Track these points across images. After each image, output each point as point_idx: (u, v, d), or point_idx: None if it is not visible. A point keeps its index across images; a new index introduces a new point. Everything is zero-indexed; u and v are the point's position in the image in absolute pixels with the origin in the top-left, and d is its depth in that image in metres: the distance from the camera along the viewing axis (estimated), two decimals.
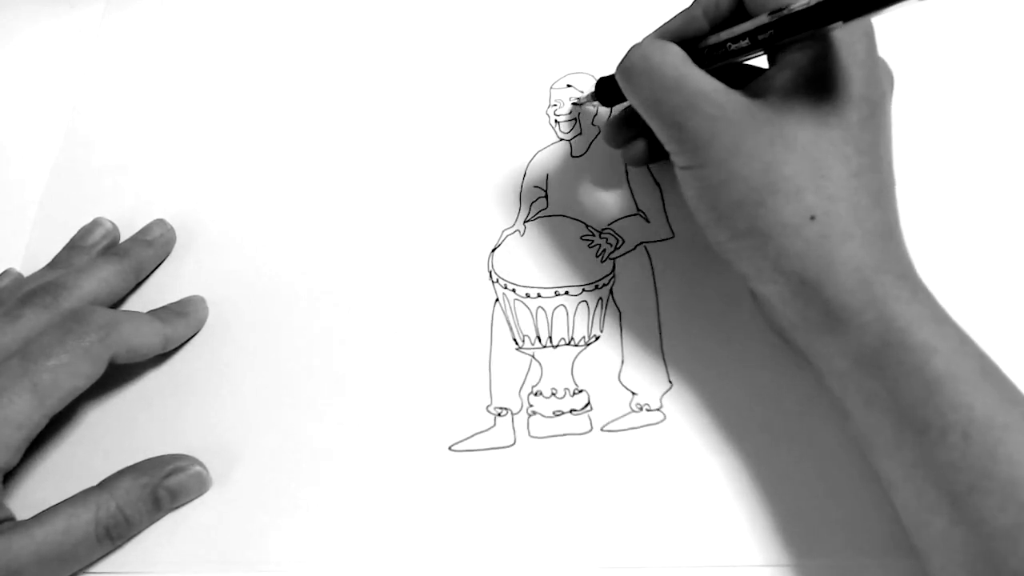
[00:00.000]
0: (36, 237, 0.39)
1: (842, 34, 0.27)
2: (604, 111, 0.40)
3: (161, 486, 0.31)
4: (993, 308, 0.33)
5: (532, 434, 0.32)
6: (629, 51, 0.30)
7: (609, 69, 0.41)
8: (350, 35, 0.43)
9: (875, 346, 0.25)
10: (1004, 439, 0.23)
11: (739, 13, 0.30)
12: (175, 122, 0.42)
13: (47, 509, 0.29)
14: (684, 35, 0.30)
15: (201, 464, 0.32)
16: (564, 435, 0.32)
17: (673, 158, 0.29)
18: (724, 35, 0.29)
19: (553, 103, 0.40)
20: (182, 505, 0.32)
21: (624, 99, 0.32)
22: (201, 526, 0.31)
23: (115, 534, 0.30)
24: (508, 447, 0.32)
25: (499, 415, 0.33)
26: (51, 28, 0.45)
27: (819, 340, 0.27)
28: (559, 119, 0.40)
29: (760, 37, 0.28)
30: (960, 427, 0.24)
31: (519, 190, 0.38)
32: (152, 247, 0.37)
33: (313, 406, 0.34)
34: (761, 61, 0.30)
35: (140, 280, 0.37)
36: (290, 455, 0.33)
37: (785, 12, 0.26)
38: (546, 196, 0.38)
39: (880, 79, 0.28)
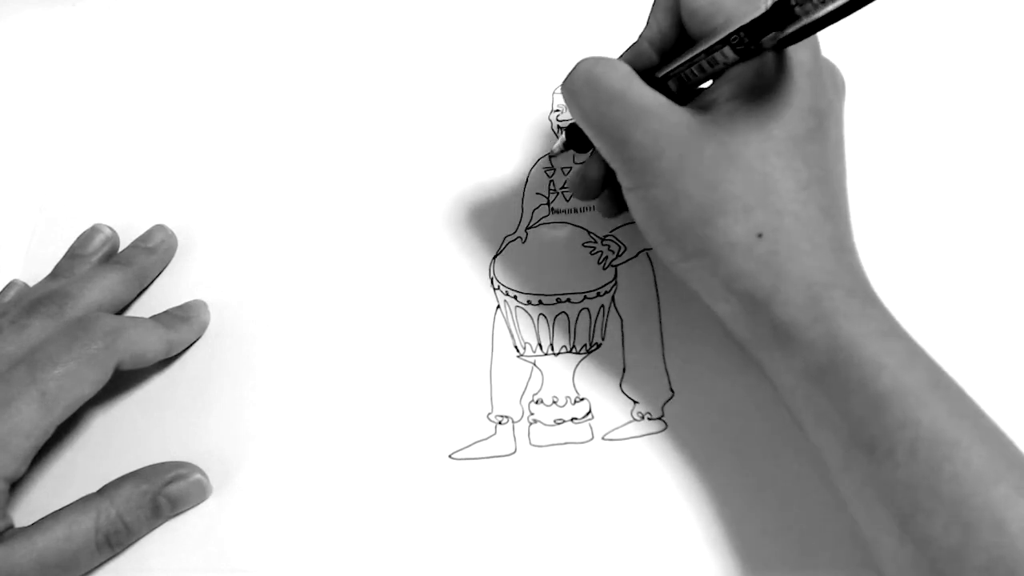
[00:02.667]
0: (36, 243, 0.38)
1: (791, 48, 0.27)
2: None
3: (161, 493, 0.31)
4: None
5: (533, 442, 0.32)
6: (575, 65, 0.29)
7: None
8: (351, 39, 0.43)
9: (822, 362, 0.25)
10: (951, 456, 0.23)
11: (684, 39, 0.30)
12: (175, 125, 0.41)
13: (47, 516, 0.29)
14: (634, 68, 0.29)
15: (201, 472, 0.32)
16: (565, 444, 0.32)
17: (620, 179, 0.29)
18: (677, 64, 0.29)
19: (555, 108, 0.40)
20: (182, 512, 0.32)
21: None
22: (201, 533, 0.31)
23: (115, 541, 0.30)
24: (509, 455, 0.32)
25: (500, 423, 0.33)
26: (51, 27, 0.45)
27: (769, 356, 0.27)
28: (561, 124, 0.39)
29: (717, 58, 0.27)
30: (907, 444, 0.23)
31: (521, 196, 0.38)
32: (154, 253, 0.37)
33: (313, 413, 0.34)
34: None
35: (144, 287, 0.37)
36: (290, 462, 0.33)
37: (737, 27, 0.26)
38: (548, 202, 0.37)
39: (826, 88, 0.28)
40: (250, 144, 0.41)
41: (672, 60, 0.29)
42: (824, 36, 0.26)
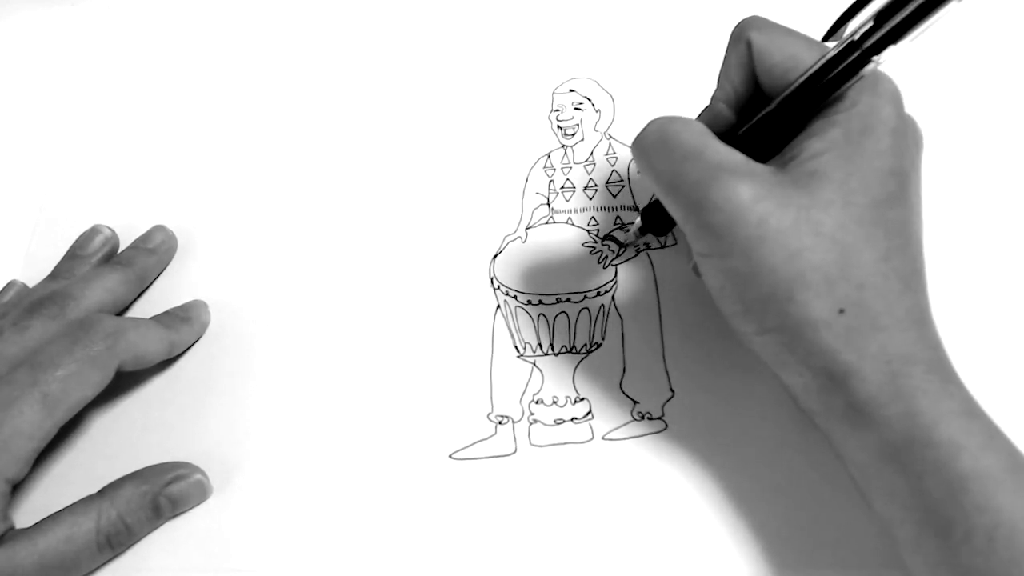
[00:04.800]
0: (36, 243, 0.38)
1: (870, 97, 0.26)
2: (607, 116, 0.39)
3: (162, 494, 0.31)
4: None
5: (533, 442, 0.32)
6: (645, 125, 0.28)
7: (610, 72, 0.41)
8: (351, 39, 0.43)
9: (898, 441, 0.24)
10: None
11: (759, 95, 0.29)
12: (175, 125, 0.41)
13: (48, 517, 0.30)
14: (711, 130, 0.28)
15: (202, 472, 0.32)
16: (565, 443, 0.32)
17: (692, 244, 0.27)
18: (754, 120, 0.28)
19: (555, 108, 0.40)
20: (183, 513, 0.32)
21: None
22: (201, 533, 0.31)
23: (115, 542, 0.30)
24: (509, 455, 0.32)
25: (500, 423, 0.33)
26: (51, 28, 0.45)
27: (841, 431, 0.26)
28: (561, 124, 0.39)
29: (789, 108, 0.26)
30: (985, 530, 0.22)
31: (521, 196, 0.38)
32: (155, 254, 0.37)
33: (314, 413, 0.34)
34: None
35: (144, 288, 0.37)
36: (290, 462, 0.33)
37: (811, 71, 0.25)
38: (548, 202, 0.37)
39: (909, 146, 0.27)
40: (250, 144, 0.41)
41: (749, 118, 0.28)
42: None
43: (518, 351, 0.34)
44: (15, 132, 0.42)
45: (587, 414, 0.33)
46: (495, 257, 0.36)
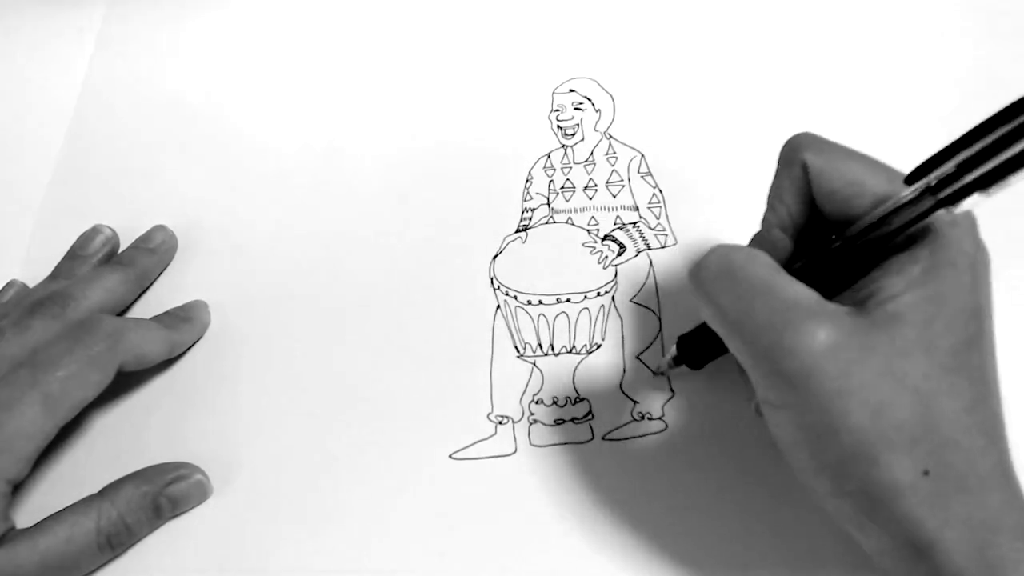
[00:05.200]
0: (36, 243, 0.38)
1: (949, 228, 0.24)
2: (607, 116, 0.39)
3: (163, 494, 0.31)
4: None
5: (533, 442, 0.32)
6: (706, 254, 0.25)
7: (611, 72, 0.41)
8: (351, 39, 0.43)
9: None
10: None
11: (818, 221, 0.27)
12: (176, 125, 0.41)
13: (49, 517, 0.30)
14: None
15: (202, 472, 0.32)
16: (565, 444, 0.32)
17: (759, 391, 0.24)
18: (822, 252, 0.25)
19: (555, 108, 0.40)
20: (183, 513, 0.32)
21: (717, 356, 0.29)
22: (201, 533, 0.32)
23: (116, 542, 0.30)
24: (509, 455, 0.32)
25: (500, 423, 0.33)
26: (51, 29, 0.45)
27: None
28: (561, 124, 0.39)
29: (861, 245, 0.24)
30: None
31: (521, 196, 0.38)
32: (155, 254, 0.37)
33: (314, 413, 0.34)
34: None
35: (145, 288, 0.37)
36: (291, 463, 0.33)
37: (890, 206, 0.23)
38: (548, 202, 0.37)
39: (987, 280, 0.24)
40: (250, 144, 0.41)
41: (809, 247, 0.26)
42: None
43: (518, 351, 0.34)
44: (16, 131, 0.42)
45: (587, 414, 0.33)
46: (495, 257, 0.36)
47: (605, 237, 0.36)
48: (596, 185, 0.38)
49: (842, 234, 0.25)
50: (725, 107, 0.39)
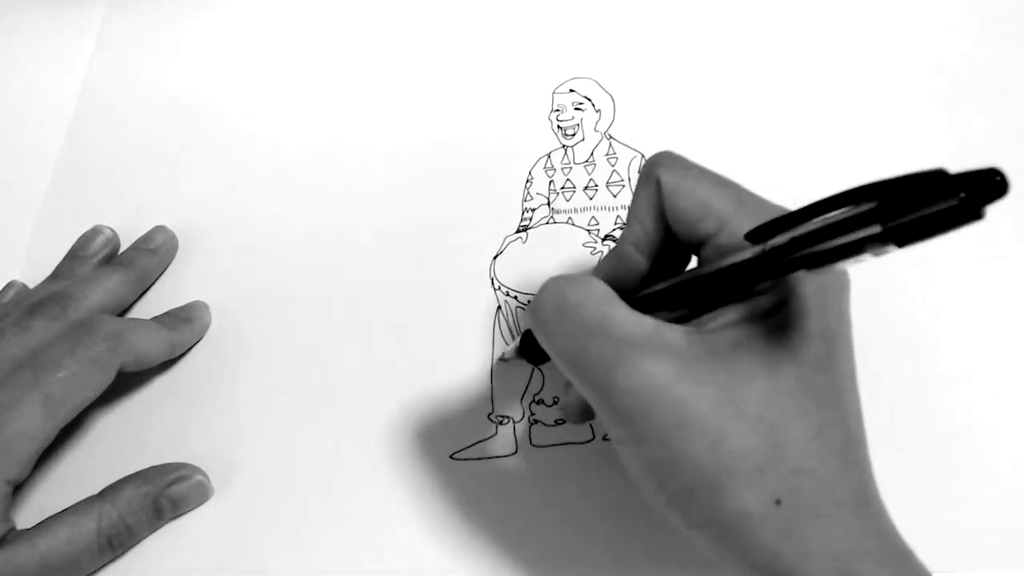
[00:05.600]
0: (36, 243, 0.38)
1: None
2: (607, 116, 0.39)
3: (163, 495, 0.31)
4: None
5: (534, 442, 0.32)
6: (542, 287, 0.24)
7: (611, 72, 0.41)
8: (351, 39, 0.43)
9: None
10: None
11: (671, 240, 0.26)
12: (176, 125, 0.41)
13: (49, 518, 0.30)
14: (620, 278, 0.26)
15: (203, 473, 0.32)
16: (566, 444, 0.32)
17: (604, 426, 0.24)
18: (662, 287, 0.25)
19: (555, 108, 0.40)
20: (184, 514, 0.32)
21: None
22: (202, 534, 0.32)
23: (116, 543, 0.30)
24: (510, 455, 0.32)
25: (501, 423, 0.33)
26: (51, 29, 0.45)
27: None
28: (561, 124, 0.39)
29: (701, 284, 0.23)
30: None
31: (521, 196, 0.38)
32: (156, 255, 0.37)
33: (314, 413, 0.34)
34: None
35: (145, 288, 0.37)
36: (291, 463, 0.33)
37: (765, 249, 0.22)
38: (548, 203, 0.38)
39: (836, 299, 0.24)
40: (250, 144, 0.41)
41: (661, 271, 0.26)
42: None
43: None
44: (16, 131, 0.42)
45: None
46: (495, 258, 0.36)
47: (606, 237, 0.36)
48: (596, 185, 0.38)
49: (691, 265, 0.24)
50: (725, 107, 0.39)
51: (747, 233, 0.22)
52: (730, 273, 0.22)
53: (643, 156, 0.38)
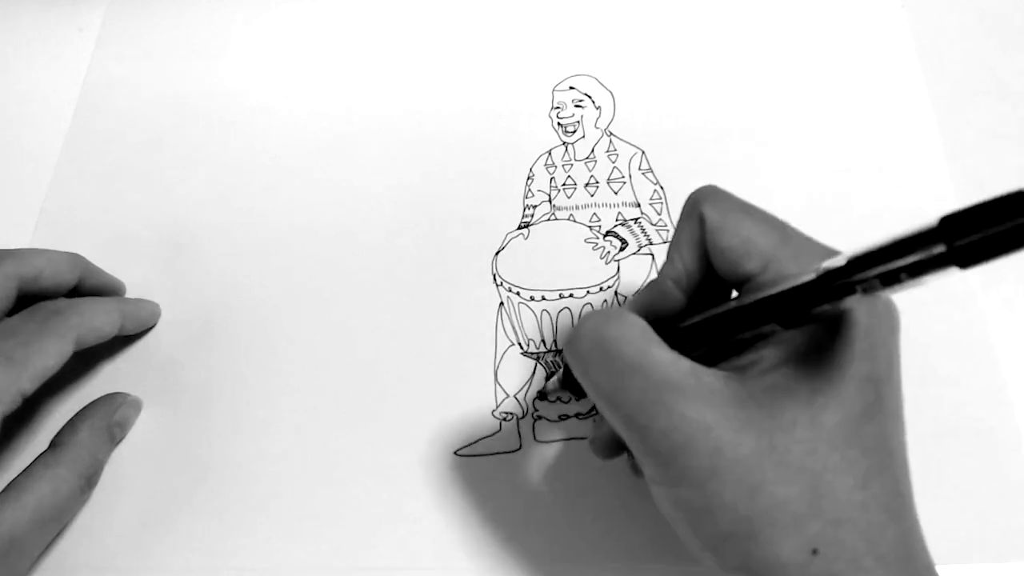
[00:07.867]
0: (36, 243, 0.38)
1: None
2: (607, 112, 0.40)
3: (112, 423, 0.32)
4: None
5: (538, 438, 0.32)
6: (580, 322, 0.24)
7: (610, 69, 0.41)
8: (352, 38, 0.43)
9: None
10: None
11: (711, 277, 0.25)
12: (176, 125, 0.41)
13: (21, 476, 0.29)
14: (657, 312, 0.25)
15: (131, 394, 0.34)
16: (570, 439, 0.32)
17: (640, 466, 0.24)
18: (703, 317, 0.24)
19: (556, 105, 0.40)
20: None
21: None
22: (202, 534, 0.31)
23: (94, 481, 0.32)
24: (514, 451, 0.32)
25: (504, 419, 0.33)
26: (51, 29, 0.45)
27: None
28: (562, 121, 0.39)
29: (743, 316, 0.22)
30: None
31: (522, 193, 0.38)
32: (144, 310, 0.36)
33: (317, 412, 0.34)
34: None
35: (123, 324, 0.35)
36: (293, 462, 0.33)
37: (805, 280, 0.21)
38: (550, 199, 0.38)
39: (886, 342, 0.23)
40: (250, 144, 0.40)
41: (700, 309, 0.25)
42: None
43: (522, 347, 0.34)
44: (17, 131, 0.42)
45: (591, 410, 0.33)
46: (497, 254, 0.36)
47: (607, 233, 0.36)
48: (597, 182, 0.38)
49: (734, 297, 0.24)
50: (725, 103, 0.39)
51: (851, 259, 0.19)
52: (786, 298, 0.21)
53: (643, 152, 0.38)
